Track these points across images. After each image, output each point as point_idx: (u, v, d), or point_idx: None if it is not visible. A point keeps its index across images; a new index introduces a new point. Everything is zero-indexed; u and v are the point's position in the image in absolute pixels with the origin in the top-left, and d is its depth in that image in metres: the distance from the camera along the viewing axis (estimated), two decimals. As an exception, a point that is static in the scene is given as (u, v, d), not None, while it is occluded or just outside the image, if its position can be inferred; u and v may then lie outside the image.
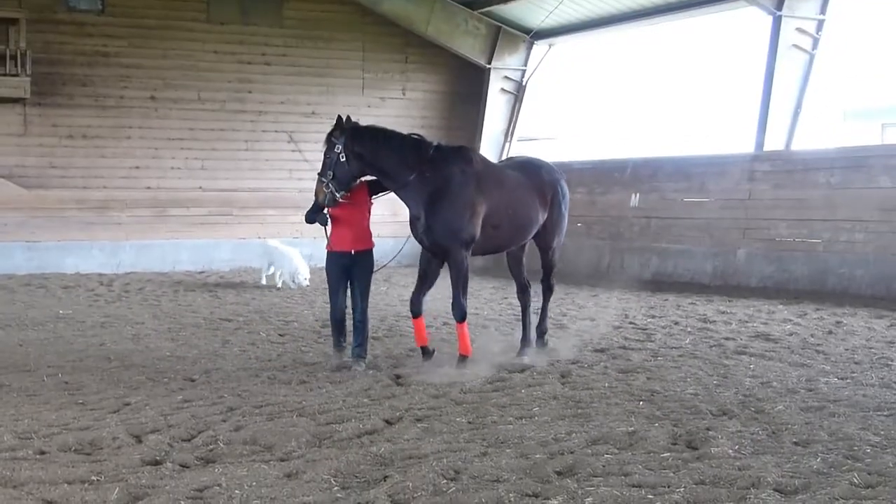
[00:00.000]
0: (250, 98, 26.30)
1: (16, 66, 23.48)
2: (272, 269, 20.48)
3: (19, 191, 23.69)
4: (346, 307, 11.21)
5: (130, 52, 25.37)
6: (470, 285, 18.74)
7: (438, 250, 10.86)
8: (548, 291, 12.49)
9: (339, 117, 10.71)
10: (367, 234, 11.12)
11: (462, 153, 11.17)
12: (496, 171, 11.45)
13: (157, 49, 25.55)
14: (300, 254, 20.56)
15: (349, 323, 11.24)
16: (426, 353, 11.17)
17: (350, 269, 11.01)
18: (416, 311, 11.09)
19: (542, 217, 11.66)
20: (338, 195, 10.59)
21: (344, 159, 10.50)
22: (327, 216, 10.90)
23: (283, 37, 26.71)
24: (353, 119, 10.84)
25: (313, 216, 10.95)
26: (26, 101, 24.12)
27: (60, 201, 24.11)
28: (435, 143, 10.94)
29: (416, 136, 11.02)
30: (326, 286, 11.46)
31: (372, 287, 11.31)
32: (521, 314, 12.43)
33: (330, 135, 10.70)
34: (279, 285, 20.06)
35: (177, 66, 25.72)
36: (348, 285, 11.12)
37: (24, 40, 23.79)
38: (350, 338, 11.24)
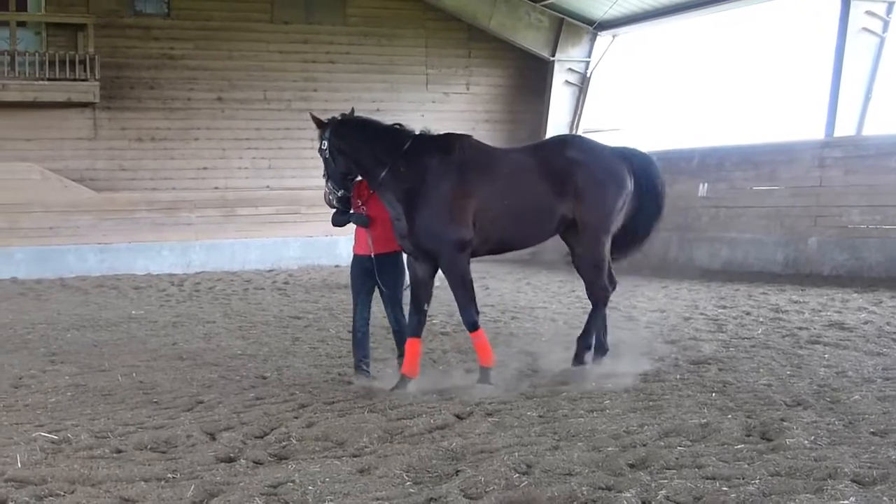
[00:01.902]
0: (315, 97, 26.45)
1: (85, 70, 23.88)
2: None
3: (90, 194, 24.04)
4: (368, 320, 10.07)
5: (196, 54, 25.67)
6: (538, 279, 18.80)
7: (424, 256, 9.56)
8: (594, 307, 10.44)
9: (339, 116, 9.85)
10: (392, 236, 9.74)
11: (442, 141, 9.72)
12: (488, 157, 9.81)
13: (223, 50, 25.83)
14: None
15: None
16: (402, 383, 9.49)
17: (374, 274, 9.88)
18: (410, 329, 9.66)
19: (560, 206, 9.79)
20: (337, 194, 9.55)
21: (329, 156, 9.54)
22: (366, 216, 9.79)
23: (347, 34, 26.86)
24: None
25: (339, 218, 9.77)
26: (96, 105, 24.52)
27: (130, 203, 24.43)
28: (416, 133, 9.68)
29: (396, 126, 9.78)
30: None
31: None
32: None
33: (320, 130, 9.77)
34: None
35: (242, 67, 25.97)
36: (378, 295, 10.06)
37: (93, 45, 24.18)
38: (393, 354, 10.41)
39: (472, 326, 9.59)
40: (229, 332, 13.80)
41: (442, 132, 9.97)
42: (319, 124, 9.67)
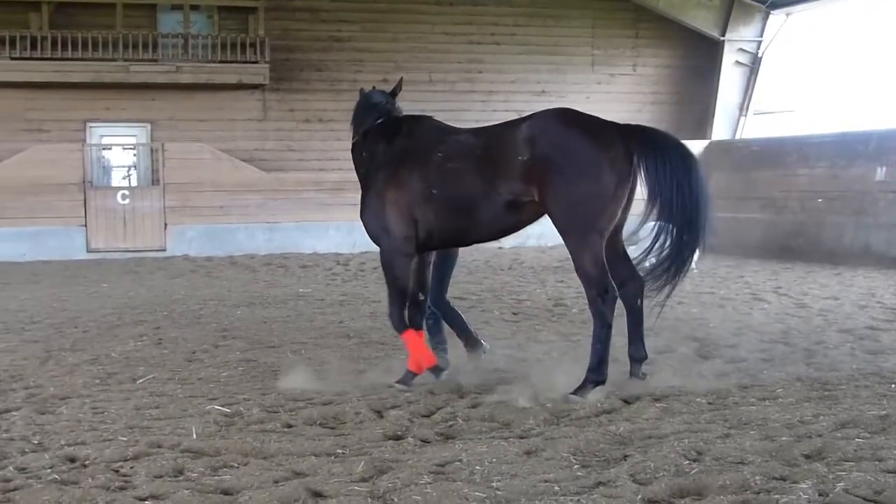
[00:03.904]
0: (480, 78, 26.49)
1: (255, 53, 24.43)
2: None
3: (259, 174, 24.57)
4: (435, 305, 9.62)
5: (363, 36, 25.99)
6: (703, 264, 18.34)
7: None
8: (595, 317, 8.39)
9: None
10: None
11: (393, 125, 8.96)
12: (432, 142, 8.65)
13: (389, 32, 26.08)
14: None
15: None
16: (408, 377, 8.82)
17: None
18: (412, 322, 8.94)
19: (502, 189, 8.23)
20: None
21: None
22: None
23: (513, 16, 26.80)
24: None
25: None
26: (265, 87, 25.06)
27: (298, 183, 24.88)
28: (381, 118, 9.01)
29: (372, 102, 9.20)
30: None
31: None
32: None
33: None
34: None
35: (408, 49, 26.18)
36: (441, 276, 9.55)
37: (263, 28, 24.69)
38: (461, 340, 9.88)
39: (397, 327, 8.85)
40: (394, 311, 13.88)
41: (406, 115, 9.17)
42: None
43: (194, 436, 7.02)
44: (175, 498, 5.68)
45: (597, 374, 8.21)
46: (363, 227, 9.03)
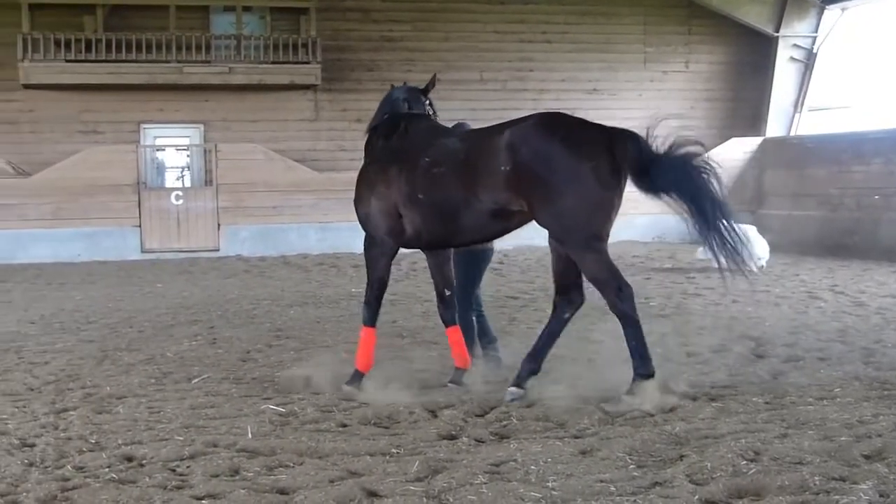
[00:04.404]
0: (531, 77, 26.44)
1: (307, 53, 24.54)
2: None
3: (312, 174, 24.65)
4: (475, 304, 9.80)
5: (414, 35, 26.02)
6: (770, 262, 18.08)
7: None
8: (619, 318, 8.17)
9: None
10: None
11: (391, 123, 9.00)
12: (423, 144, 8.59)
13: (440, 32, 26.08)
14: (756, 232, 17.90)
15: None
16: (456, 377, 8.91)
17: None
18: (444, 318, 9.13)
19: (484, 198, 8.09)
20: None
21: None
22: None
23: (564, 14, 26.71)
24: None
25: None
26: (317, 87, 25.14)
27: (350, 183, 24.79)
28: (387, 114, 9.12)
29: (389, 98, 9.29)
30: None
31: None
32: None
33: None
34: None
35: (459, 48, 26.17)
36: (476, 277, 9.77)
37: (314, 29, 24.79)
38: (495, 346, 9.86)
39: (364, 319, 8.95)
40: (446, 310, 13.87)
41: (407, 113, 9.10)
42: None
43: (250, 435, 7.06)
44: (231, 497, 5.71)
45: (644, 368, 8.00)
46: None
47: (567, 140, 7.88)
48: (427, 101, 9.41)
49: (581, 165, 7.76)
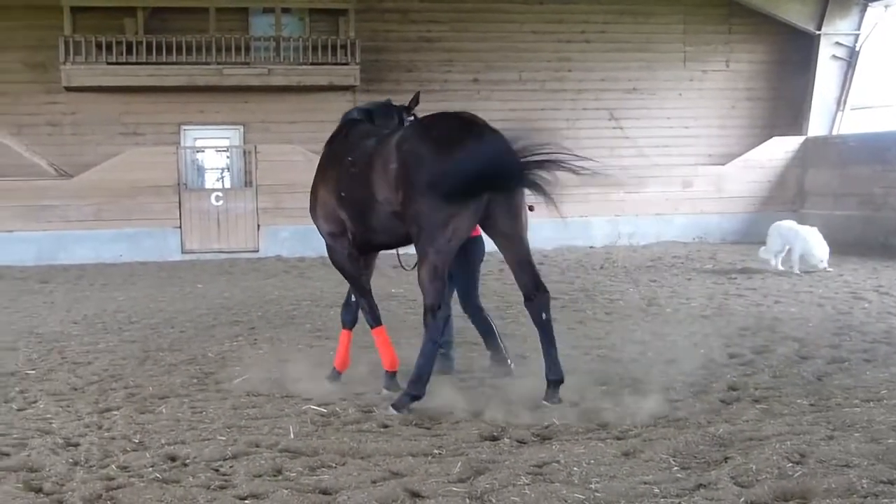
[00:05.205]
0: (570, 77, 26.33)
1: (346, 55, 24.54)
2: (785, 252, 18.02)
3: (352, 175, 24.62)
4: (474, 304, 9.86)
5: (452, 36, 25.98)
6: (804, 264, 17.94)
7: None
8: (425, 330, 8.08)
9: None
10: None
11: (340, 128, 9.10)
12: (353, 145, 8.55)
13: (478, 32, 26.03)
14: (817, 233, 17.98)
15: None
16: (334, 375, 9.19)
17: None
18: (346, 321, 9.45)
19: (379, 196, 8.02)
20: None
21: None
22: None
23: (603, 13, 26.57)
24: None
25: None
26: (356, 88, 25.14)
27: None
28: (357, 109, 9.35)
29: (347, 118, 9.28)
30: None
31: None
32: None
33: None
34: (796, 270, 17.53)
35: (497, 49, 26.10)
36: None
37: (353, 30, 24.81)
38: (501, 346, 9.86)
39: (369, 323, 9.07)
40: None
41: (350, 119, 9.13)
42: None
43: (292, 435, 7.07)
44: (274, 497, 5.72)
45: (415, 388, 7.86)
46: None
47: (438, 142, 7.60)
48: (411, 117, 9.44)
49: (442, 169, 7.40)
